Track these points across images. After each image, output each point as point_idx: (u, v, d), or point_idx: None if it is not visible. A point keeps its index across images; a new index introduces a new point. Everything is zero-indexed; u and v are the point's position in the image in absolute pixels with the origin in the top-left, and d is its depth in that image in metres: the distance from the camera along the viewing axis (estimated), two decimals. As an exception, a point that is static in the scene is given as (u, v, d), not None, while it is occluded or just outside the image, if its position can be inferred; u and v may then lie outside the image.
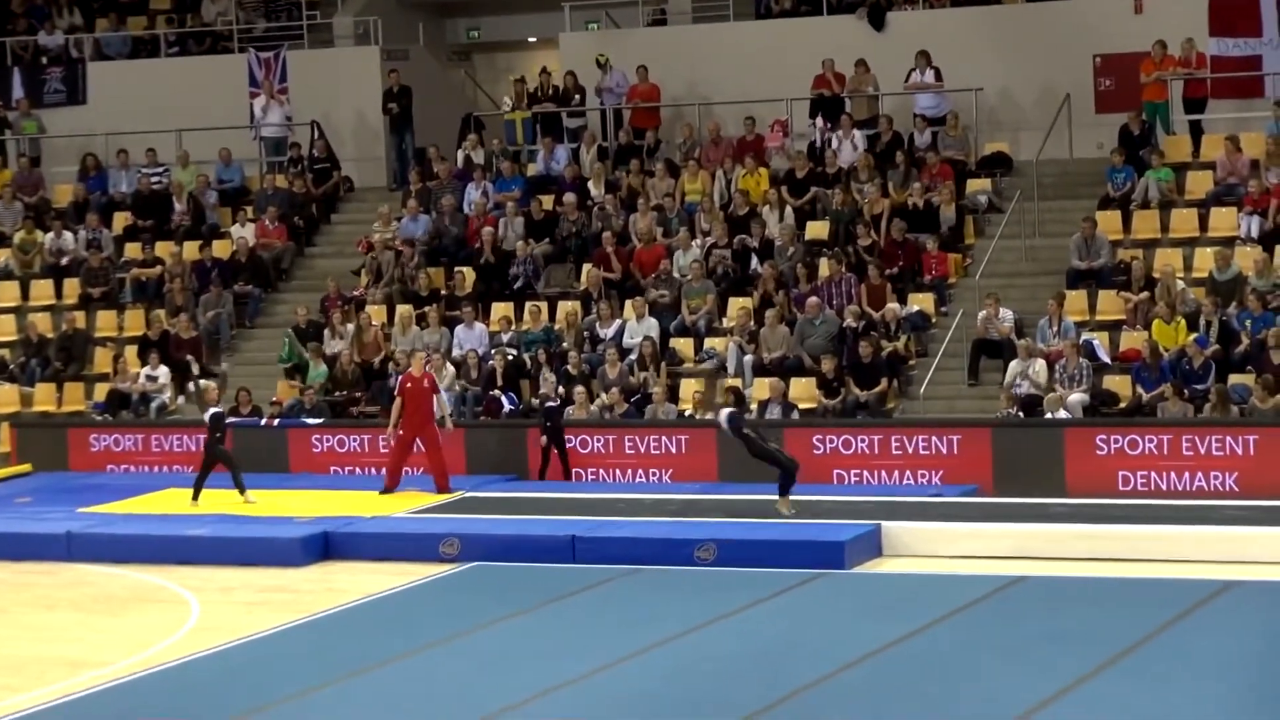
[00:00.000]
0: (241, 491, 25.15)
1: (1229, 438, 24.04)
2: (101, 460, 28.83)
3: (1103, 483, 24.20)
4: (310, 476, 27.34)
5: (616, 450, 26.43)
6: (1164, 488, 24.15)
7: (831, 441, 25.43)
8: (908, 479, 25.05)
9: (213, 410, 25.83)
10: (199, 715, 16.27)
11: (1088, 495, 23.71)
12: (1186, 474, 24.16)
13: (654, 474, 26.18)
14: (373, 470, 26.91)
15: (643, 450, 26.31)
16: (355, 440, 27.67)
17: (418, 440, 25.64)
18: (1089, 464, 24.40)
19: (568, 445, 26.31)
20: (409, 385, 25.57)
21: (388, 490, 25.38)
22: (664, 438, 26.30)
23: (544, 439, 26.25)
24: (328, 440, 27.78)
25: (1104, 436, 24.51)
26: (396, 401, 25.73)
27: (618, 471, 26.35)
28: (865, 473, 25.28)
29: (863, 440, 25.41)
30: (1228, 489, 23.90)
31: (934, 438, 25.11)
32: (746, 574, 20.86)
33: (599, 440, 26.55)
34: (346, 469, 27.65)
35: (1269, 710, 15.29)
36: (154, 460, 28.65)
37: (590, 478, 26.35)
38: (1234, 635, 17.69)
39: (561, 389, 26.85)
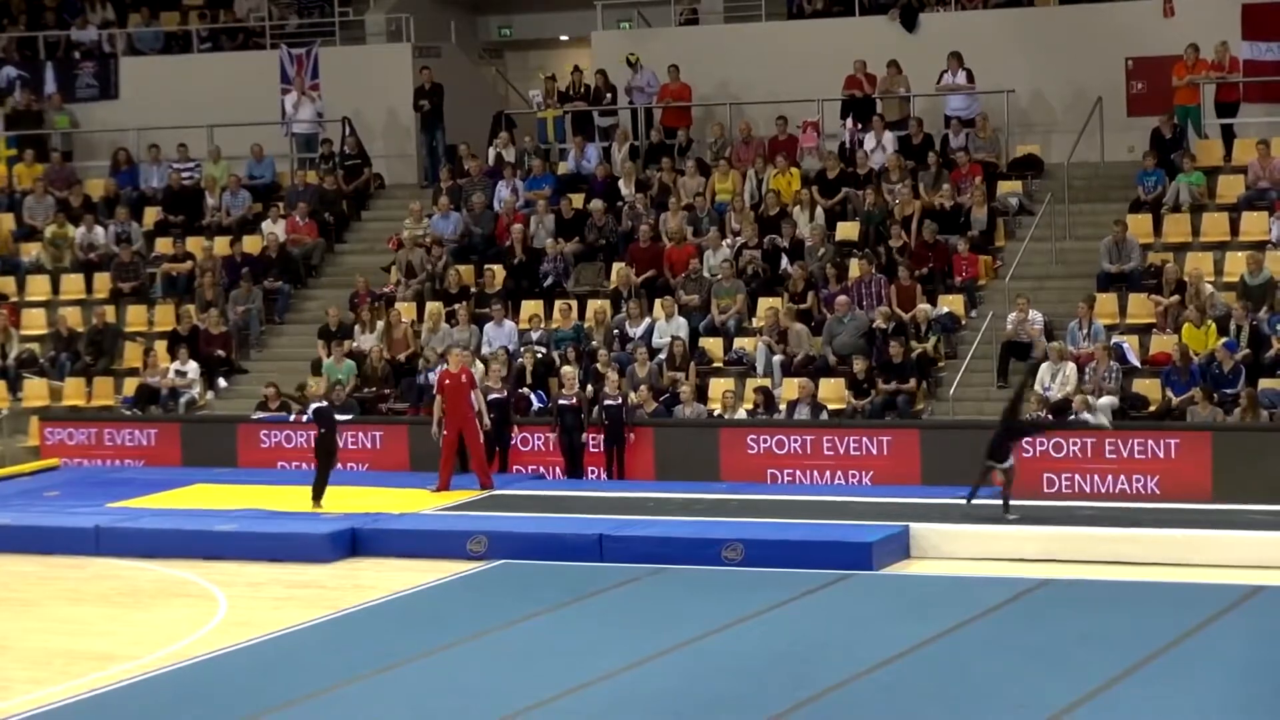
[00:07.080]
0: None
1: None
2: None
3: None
4: (337, 472, 27.31)
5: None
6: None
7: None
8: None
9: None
10: (226, 710, 16.32)
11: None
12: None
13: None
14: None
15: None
16: (384, 436, 27.70)
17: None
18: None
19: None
20: (447, 381, 25.47)
21: (442, 488, 25.15)
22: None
23: (588, 437, 26.27)
24: (356, 436, 27.82)
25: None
26: (437, 399, 25.66)
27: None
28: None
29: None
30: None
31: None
32: (773, 574, 20.84)
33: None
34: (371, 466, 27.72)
35: (1297, 716, 15.29)
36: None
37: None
38: (1262, 640, 17.67)
39: (621, 387, 26.73)
